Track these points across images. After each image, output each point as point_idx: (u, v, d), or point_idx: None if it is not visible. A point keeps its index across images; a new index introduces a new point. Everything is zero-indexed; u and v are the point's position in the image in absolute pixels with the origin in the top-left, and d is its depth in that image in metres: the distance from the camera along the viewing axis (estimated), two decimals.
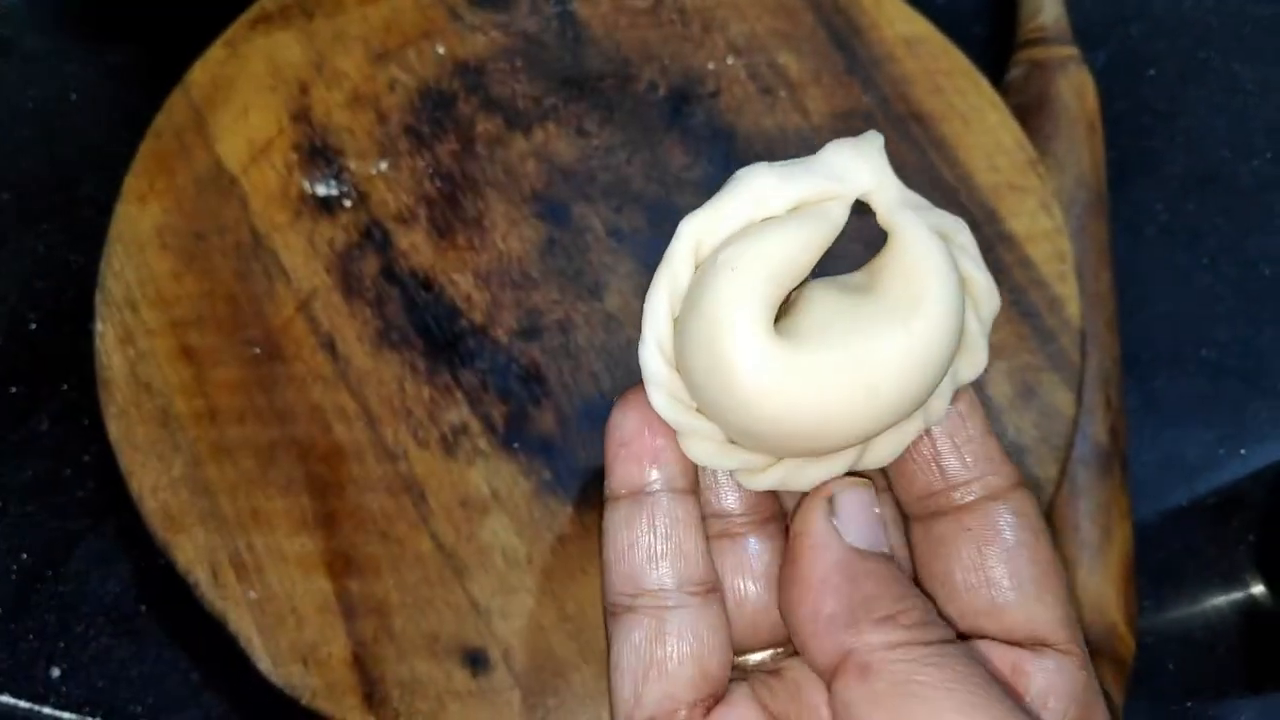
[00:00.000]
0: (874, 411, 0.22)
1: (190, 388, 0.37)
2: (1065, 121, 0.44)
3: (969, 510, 0.24)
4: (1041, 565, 0.24)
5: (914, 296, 0.22)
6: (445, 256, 0.38)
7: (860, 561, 0.23)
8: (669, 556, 0.24)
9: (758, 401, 0.22)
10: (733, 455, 0.24)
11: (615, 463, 0.25)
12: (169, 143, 0.40)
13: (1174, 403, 0.44)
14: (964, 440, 0.25)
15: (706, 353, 0.22)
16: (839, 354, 0.22)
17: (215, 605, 0.34)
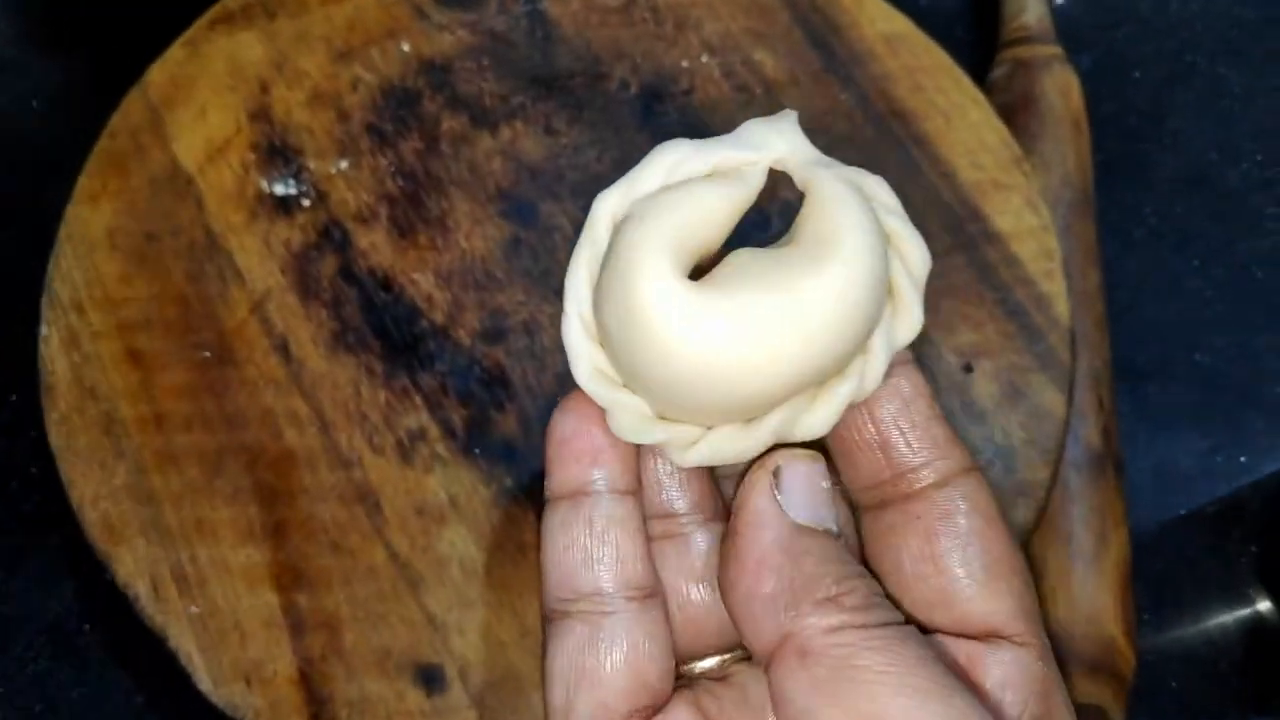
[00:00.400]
0: (797, 359, 0.21)
1: (136, 393, 0.35)
2: (1050, 120, 0.43)
3: (917, 498, 0.23)
4: (995, 553, 0.23)
5: (828, 240, 0.21)
6: (406, 256, 0.37)
7: (802, 539, 0.22)
8: (606, 559, 0.23)
9: (671, 347, 0.21)
10: (659, 428, 0.23)
11: (554, 463, 0.24)
12: (124, 143, 0.39)
13: (1167, 409, 0.43)
14: (909, 424, 0.23)
15: (619, 305, 0.21)
16: (754, 295, 0.21)
17: (155, 620, 0.32)
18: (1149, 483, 0.41)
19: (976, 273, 0.38)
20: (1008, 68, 0.45)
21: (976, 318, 0.37)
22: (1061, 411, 0.35)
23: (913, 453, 0.23)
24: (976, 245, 0.38)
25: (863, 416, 0.24)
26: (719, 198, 0.22)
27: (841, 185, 0.22)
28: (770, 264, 0.21)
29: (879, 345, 0.22)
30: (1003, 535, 0.23)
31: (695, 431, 0.23)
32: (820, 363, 0.21)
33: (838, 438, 0.24)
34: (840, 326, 0.21)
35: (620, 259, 0.21)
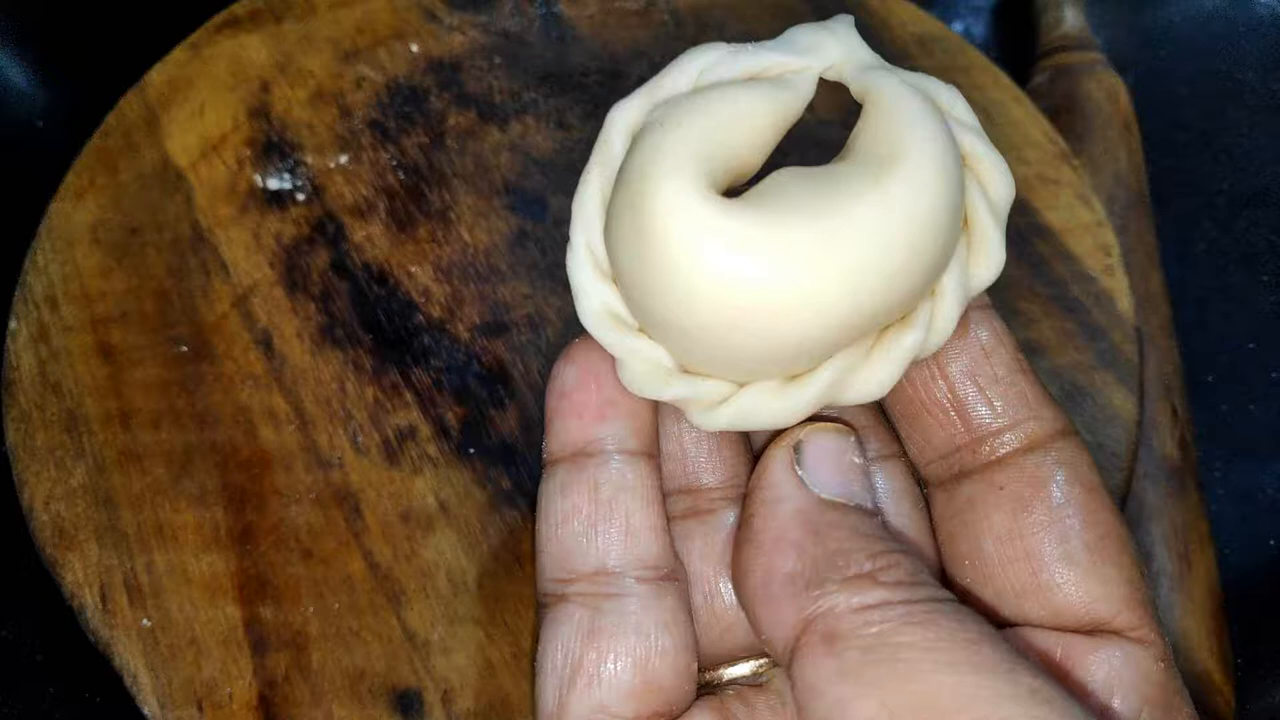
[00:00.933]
0: (848, 301, 0.17)
1: (104, 388, 0.32)
2: (1098, 122, 0.40)
3: (1001, 465, 0.19)
4: (1100, 529, 0.18)
5: (890, 154, 0.17)
6: (403, 249, 0.34)
7: (829, 513, 0.18)
8: (613, 531, 0.19)
9: (694, 280, 0.17)
10: (681, 381, 0.18)
11: (554, 419, 0.20)
12: (116, 140, 0.37)
13: (1245, 432, 0.38)
14: (989, 380, 0.19)
15: (632, 229, 0.17)
16: (796, 218, 0.16)
17: (101, 634, 0.28)
18: (1231, 513, 0.37)
19: (1028, 267, 0.34)
20: (1048, 74, 0.42)
21: (1029, 313, 0.33)
22: (1132, 412, 0.31)
23: (994, 414, 0.19)
24: (1026, 239, 0.35)
25: (932, 371, 0.20)
26: (759, 103, 0.18)
27: (908, 91, 0.18)
28: (819, 184, 0.17)
29: (951, 287, 0.18)
30: (1109, 508, 0.19)
31: (724, 388, 0.19)
32: (877, 305, 0.17)
33: (902, 398, 0.20)
34: (902, 260, 0.17)
35: (635, 173, 0.17)
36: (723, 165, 0.18)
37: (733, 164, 0.18)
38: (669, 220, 0.17)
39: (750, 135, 0.18)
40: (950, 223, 0.18)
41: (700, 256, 0.17)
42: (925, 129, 0.18)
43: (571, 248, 0.19)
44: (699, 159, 0.17)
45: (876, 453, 0.21)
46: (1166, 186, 0.44)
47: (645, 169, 0.17)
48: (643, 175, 0.17)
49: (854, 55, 0.20)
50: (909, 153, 0.17)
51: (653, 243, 0.17)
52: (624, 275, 0.18)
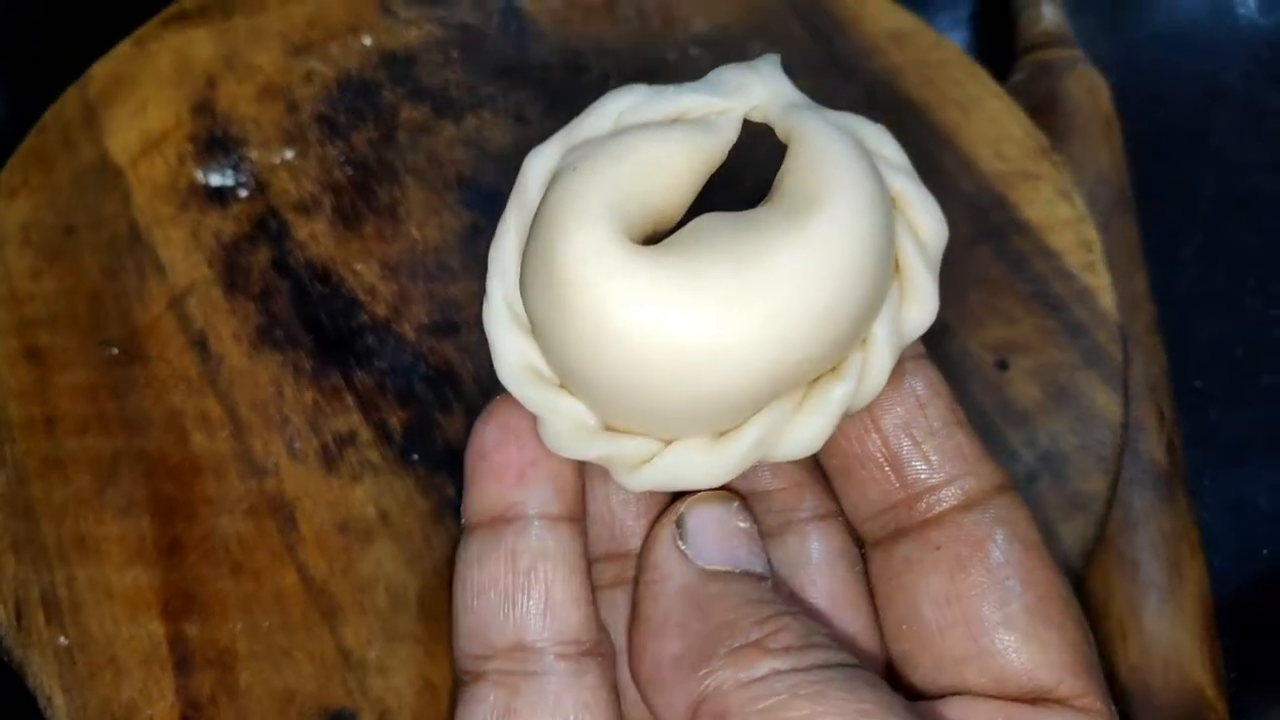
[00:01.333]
0: (772, 351, 0.16)
1: (29, 393, 0.30)
2: (1079, 120, 0.39)
3: (938, 524, 0.18)
4: (1039, 591, 0.18)
5: (813, 196, 0.17)
6: (349, 247, 0.32)
7: (711, 584, 0.17)
8: (532, 604, 0.18)
9: (608, 328, 0.16)
10: (603, 440, 0.18)
11: (471, 482, 0.19)
12: (53, 137, 0.35)
13: (1235, 439, 0.37)
14: (924, 433, 0.19)
15: (545, 277, 0.16)
16: (715, 264, 0.16)
17: (14, 653, 0.26)
18: (1222, 522, 0.35)
19: (1007, 265, 0.33)
20: (1028, 71, 0.41)
21: (1009, 312, 0.32)
22: (1117, 413, 0.30)
23: (930, 468, 0.19)
24: (1005, 235, 0.33)
25: (865, 424, 0.19)
26: (678, 146, 0.18)
27: (832, 131, 0.18)
28: (740, 228, 0.17)
29: (882, 336, 0.18)
30: (1049, 567, 0.18)
31: (650, 446, 0.18)
32: (803, 354, 0.16)
33: (835, 453, 0.19)
34: (827, 306, 0.16)
35: (547, 220, 0.17)
36: (640, 211, 0.17)
37: (651, 210, 0.18)
38: (581, 269, 0.16)
39: (669, 179, 0.18)
40: (878, 267, 0.17)
41: (613, 307, 0.16)
42: (849, 170, 0.17)
43: (488, 300, 0.19)
44: (613, 205, 0.17)
45: (813, 511, 0.20)
46: (1152, 190, 0.43)
47: (557, 216, 0.17)
48: (554, 223, 0.17)
49: (779, 95, 0.19)
50: (832, 194, 0.17)
51: (566, 293, 0.16)
52: (540, 327, 0.18)
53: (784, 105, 0.19)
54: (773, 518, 0.20)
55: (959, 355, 0.31)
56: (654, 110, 0.19)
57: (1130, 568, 0.29)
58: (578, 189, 0.17)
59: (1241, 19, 0.49)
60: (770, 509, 0.20)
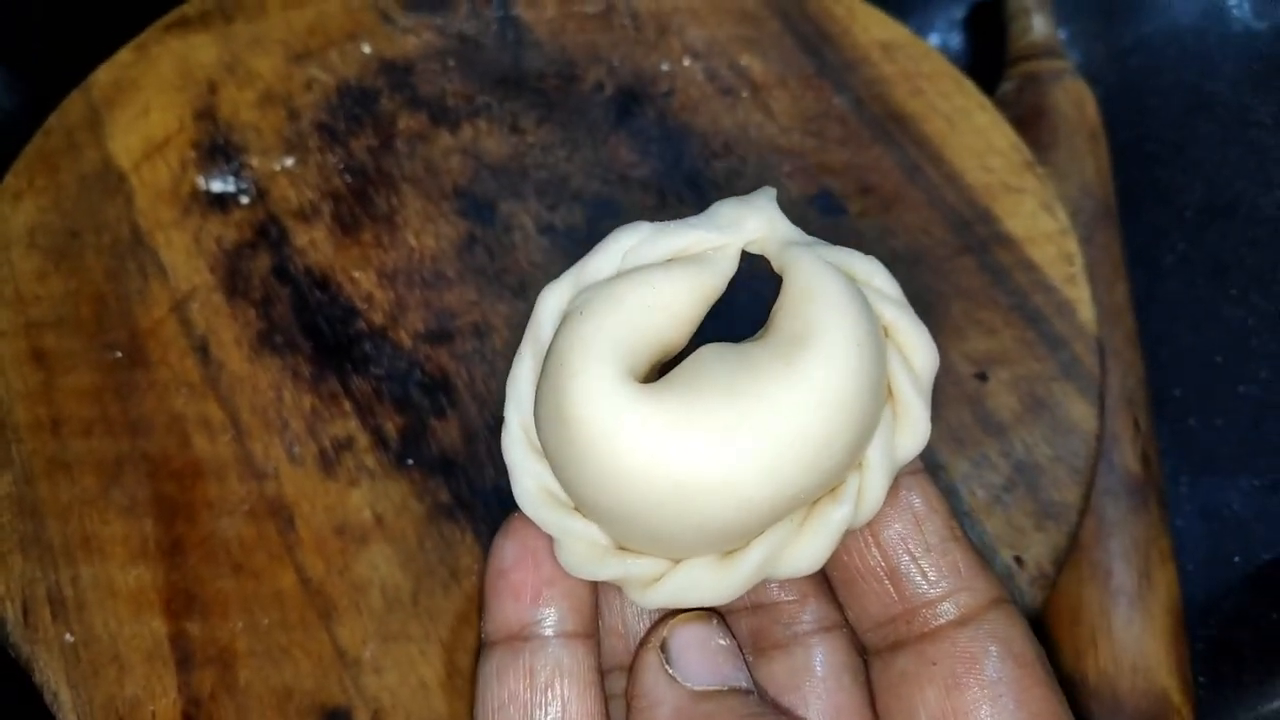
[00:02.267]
0: (769, 480, 0.17)
1: (36, 394, 0.31)
2: (1065, 131, 0.39)
3: (935, 638, 0.19)
4: (1033, 708, 0.18)
5: (804, 333, 0.18)
6: (347, 254, 0.33)
7: (702, 704, 0.18)
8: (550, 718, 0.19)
9: (614, 461, 0.17)
10: (616, 561, 0.19)
11: (490, 598, 0.20)
12: (57, 141, 0.36)
13: (1212, 446, 0.38)
14: (922, 548, 0.19)
15: (555, 416, 0.18)
16: (714, 399, 0.17)
17: (22, 650, 0.27)
18: (1196, 528, 0.36)
19: (989, 276, 0.34)
20: (1016, 82, 0.42)
21: (990, 323, 0.33)
22: (1092, 425, 0.30)
23: (928, 583, 0.19)
24: (987, 248, 0.34)
25: (865, 539, 0.20)
26: (677, 286, 0.19)
27: (822, 268, 0.19)
28: (737, 363, 0.18)
29: (877, 460, 0.19)
30: (1043, 684, 0.19)
31: (660, 566, 0.19)
32: (799, 482, 0.17)
33: (838, 565, 0.20)
34: (822, 438, 0.17)
35: (556, 361, 0.18)
36: (644, 348, 0.18)
37: (655, 345, 0.19)
38: (587, 408, 0.17)
39: (671, 316, 0.19)
40: (869, 399, 0.18)
41: (618, 442, 0.17)
42: (839, 308, 0.18)
43: (506, 427, 0.20)
44: (618, 346, 0.18)
45: (818, 624, 0.21)
46: (1136, 198, 0.44)
47: (565, 358, 0.18)
48: (562, 365, 0.18)
49: (774, 229, 0.20)
50: (822, 332, 0.18)
51: (574, 430, 0.17)
52: (553, 457, 0.19)
53: (781, 240, 0.20)
54: (779, 630, 0.21)
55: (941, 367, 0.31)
56: (657, 247, 0.20)
57: (1102, 576, 0.30)
58: (584, 333, 0.18)
59: (1236, 22, 0.50)
60: (777, 621, 0.21)
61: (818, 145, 0.36)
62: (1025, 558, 0.28)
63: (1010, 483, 0.29)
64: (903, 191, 0.35)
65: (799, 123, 0.37)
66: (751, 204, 0.20)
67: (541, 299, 0.19)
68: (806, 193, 0.35)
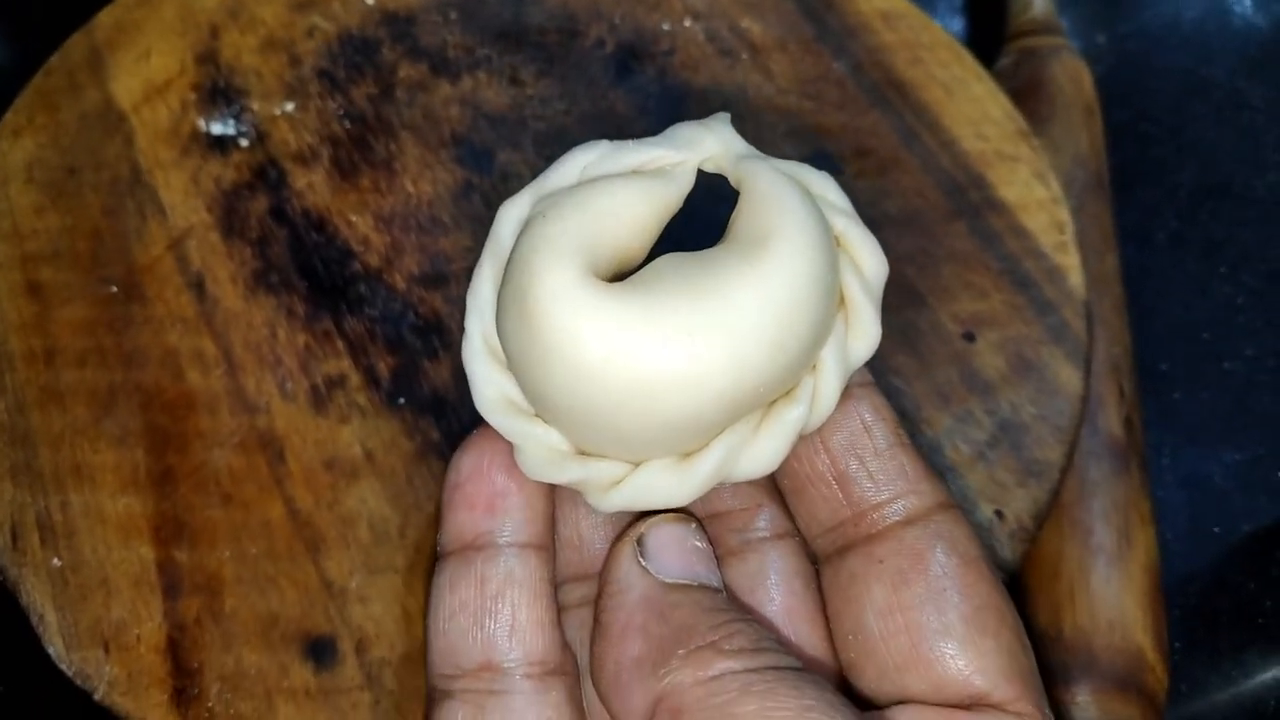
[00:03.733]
0: (729, 377, 0.17)
1: (30, 326, 0.31)
2: (1060, 104, 0.40)
3: (881, 539, 0.19)
4: (976, 601, 0.19)
5: (762, 235, 0.18)
6: (345, 198, 0.33)
7: (671, 594, 0.19)
8: (499, 626, 0.19)
9: (577, 357, 0.17)
10: (574, 465, 0.19)
11: (446, 511, 0.20)
12: (59, 80, 0.36)
13: (1196, 420, 0.38)
14: (870, 452, 0.20)
15: (518, 314, 0.18)
16: (675, 298, 0.17)
17: (10, 573, 0.27)
18: (1178, 499, 0.36)
19: (980, 241, 0.34)
20: (1014, 57, 0.42)
21: (980, 286, 0.33)
22: (1077, 387, 0.31)
23: (875, 486, 0.20)
24: (979, 213, 0.34)
25: (815, 445, 0.20)
26: (637, 195, 0.19)
27: (778, 177, 0.19)
28: (697, 267, 0.18)
29: (831, 362, 0.19)
30: (987, 580, 0.19)
31: (619, 469, 0.19)
32: (758, 380, 0.18)
33: (788, 473, 0.21)
34: (779, 336, 0.18)
35: (520, 262, 0.18)
36: (605, 254, 0.19)
37: (615, 253, 0.19)
38: (551, 305, 0.17)
39: (631, 225, 0.19)
40: (823, 299, 0.18)
41: (581, 338, 0.17)
42: (794, 211, 0.18)
43: (467, 338, 0.20)
44: (580, 248, 0.18)
45: (770, 531, 0.21)
46: (1131, 176, 0.44)
47: (528, 258, 0.18)
48: (526, 264, 0.18)
49: (731, 147, 0.20)
50: (780, 233, 0.18)
51: (537, 327, 0.18)
52: (515, 361, 0.19)
53: (735, 156, 0.20)
54: (733, 537, 0.21)
55: (929, 326, 0.32)
56: (616, 163, 0.20)
57: (1082, 534, 0.30)
58: (547, 233, 0.18)
59: (1236, 16, 0.50)
60: (731, 529, 0.21)
61: (815, 108, 0.37)
62: (1006, 512, 0.29)
63: (994, 440, 0.30)
64: (898, 155, 0.36)
65: (797, 85, 0.37)
66: (708, 125, 0.21)
67: (501, 211, 0.20)
68: (803, 153, 0.35)
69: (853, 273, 0.20)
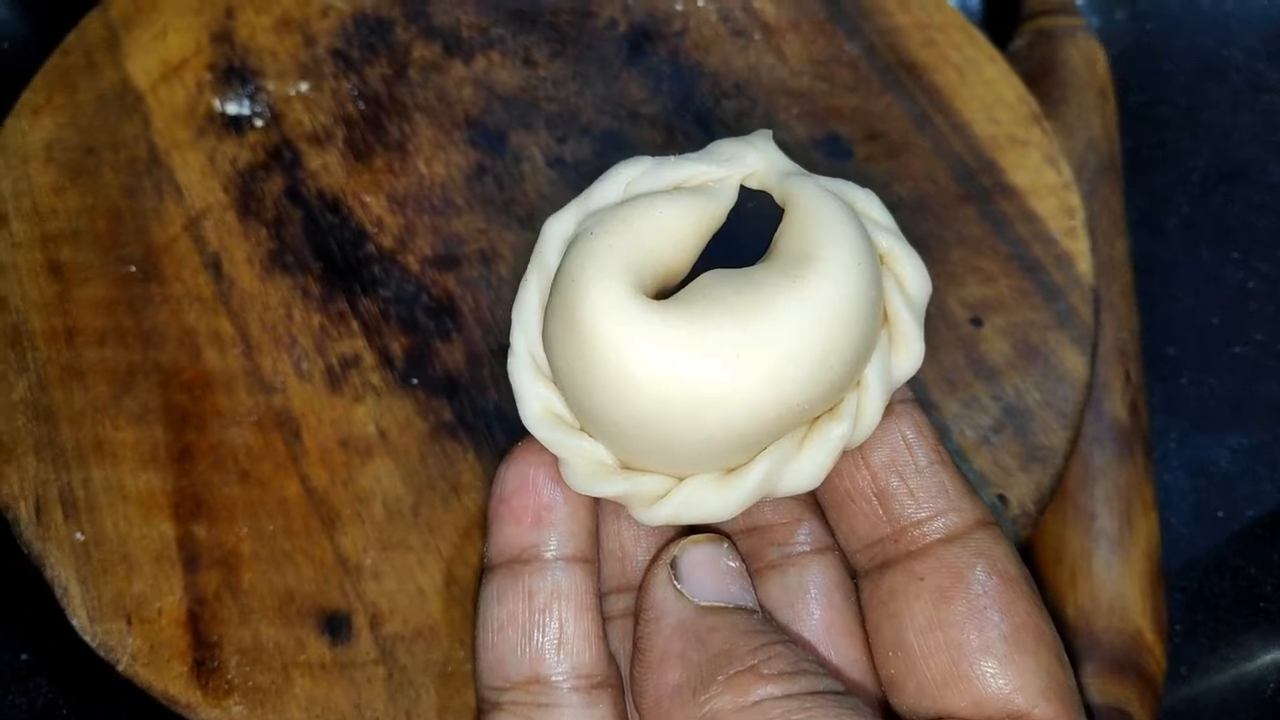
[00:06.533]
0: (773, 394, 0.18)
1: (52, 305, 0.32)
2: (1074, 87, 0.40)
3: (922, 556, 0.19)
4: (1017, 620, 0.19)
5: (807, 254, 0.18)
6: (359, 179, 0.34)
7: (708, 618, 0.19)
8: (547, 640, 0.20)
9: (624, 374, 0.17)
10: (620, 479, 0.19)
11: (493, 524, 0.20)
12: (76, 59, 0.36)
13: (1203, 405, 0.38)
14: (911, 470, 0.20)
15: (566, 331, 0.18)
16: (721, 316, 0.18)
17: (34, 546, 0.28)
18: (1183, 483, 0.37)
19: (990, 225, 0.34)
20: (1029, 37, 0.42)
21: (988, 271, 0.33)
22: (1082, 373, 0.31)
23: (916, 504, 0.20)
24: (990, 198, 0.34)
25: (856, 462, 0.20)
26: (681, 212, 0.19)
27: (823, 193, 0.19)
28: (742, 284, 0.18)
29: (874, 379, 0.19)
30: (1027, 599, 0.19)
31: (664, 483, 0.19)
32: (802, 397, 0.18)
33: (830, 488, 0.21)
34: (823, 353, 0.18)
35: (567, 279, 0.19)
36: (650, 270, 0.19)
37: (660, 268, 0.19)
38: (599, 321, 0.18)
39: (675, 241, 0.19)
40: (868, 317, 0.19)
41: (629, 354, 0.17)
42: (839, 229, 0.19)
43: (513, 352, 0.20)
44: (627, 264, 0.18)
45: (811, 545, 0.22)
46: (1144, 160, 0.44)
47: (576, 275, 0.18)
48: (574, 280, 0.18)
49: (773, 164, 0.20)
50: (824, 251, 0.18)
51: (586, 342, 0.18)
52: (561, 375, 0.19)
53: (779, 173, 0.20)
54: (774, 551, 0.21)
55: (937, 311, 0.32)
56: (659, 179, 0.20)
57: (1085, 519, 0.30)
58: (595, 250, 0.18)
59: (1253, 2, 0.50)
60: (771, 543, 0.22)
61: (827, 89, 0.37)
62: (1009, 496, 0.29)
63: (999, 425, 0.30)
64: (910, 139, 0.36)
65: (810, 67, 0.37)
66: (750, 142, 0.21)
67: (547, 226, 0.20)
68: (814, 136, 0.35)
69: (896, 290, 0.20)
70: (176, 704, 0.26)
